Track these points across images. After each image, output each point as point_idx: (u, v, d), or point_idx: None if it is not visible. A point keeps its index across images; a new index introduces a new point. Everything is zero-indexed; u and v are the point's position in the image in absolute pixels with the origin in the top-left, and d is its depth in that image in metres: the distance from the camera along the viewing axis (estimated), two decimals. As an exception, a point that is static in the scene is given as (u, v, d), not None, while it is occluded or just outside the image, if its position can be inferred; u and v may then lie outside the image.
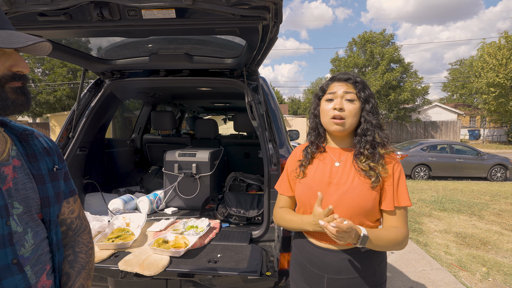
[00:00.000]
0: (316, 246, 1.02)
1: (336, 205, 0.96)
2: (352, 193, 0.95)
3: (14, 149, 0.69)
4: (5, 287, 0.58)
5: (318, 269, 1.01)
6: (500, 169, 8.60)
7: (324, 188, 0.99)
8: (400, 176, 0.97)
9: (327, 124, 1.00)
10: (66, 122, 1.96)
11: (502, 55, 17.37)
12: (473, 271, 2.88)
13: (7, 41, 0.56)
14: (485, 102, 19.22)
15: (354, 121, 0.98)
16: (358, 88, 0.99)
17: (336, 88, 1.00)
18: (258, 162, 2.71)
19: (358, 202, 0.94)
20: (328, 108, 0.99)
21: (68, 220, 0.82)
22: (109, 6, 1.17)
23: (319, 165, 1.05)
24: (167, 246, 1.46)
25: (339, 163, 1.01)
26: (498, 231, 4.05)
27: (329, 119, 0.99)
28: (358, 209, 0.94)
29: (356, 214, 0.95)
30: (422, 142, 9.26)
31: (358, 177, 0.96)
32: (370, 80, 20.09)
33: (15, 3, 1.15)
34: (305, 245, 1.06)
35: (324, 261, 1.00)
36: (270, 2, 1.09)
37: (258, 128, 1.84)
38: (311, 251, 1.04)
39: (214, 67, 1.98)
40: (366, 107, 0.98)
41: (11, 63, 0.61)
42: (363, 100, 0.98)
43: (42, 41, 0.61)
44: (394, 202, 0.95)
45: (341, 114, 0.96)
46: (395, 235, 0.92)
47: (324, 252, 1.00)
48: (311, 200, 1.01)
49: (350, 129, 0.99)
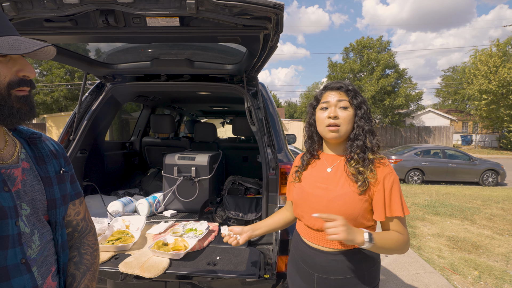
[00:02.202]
0: (309, 246, 1.07)
1: (325, 210, 0.99)
2: (339, 201, 0.97)
3: (23, 152, 0.71)
4: (13, 286, 0.59)
5: (309, 268, 1.07)
6: (492, 174, 8.76)
7: (313, 192, 1.05)
8: (393, 185, 0.96)
9: (323, 132, 1.05)
10: (67, 124, 1.97)
11: (493, 62, 17.78)
12: (465, 275, 2.94)
13: (14, 48, 0.58)
14: (477, 108, 19.61)
15: (349, 128, 1.02)
16: (351, 96, 1.03)
17: (329, 97, 1.04)
18: (256, 166, 2.75)
19: (345, 210, 0.96)
20: (323, 117, 1.03)
21: (74, 222, 0.83)
22: (114, 13, 1.20)
23: (312, 171, 1.11)
24: (167, 249, 1.48)
25: (330, 169, 1.05)
26: (489, 235, 4.13)
27: (325, 127, 1.03)
28: (344, 216, 0.94)
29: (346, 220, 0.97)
30: (416, 147, 9.40)
31: (347, 182, 0.99)
32: (365, 85, 20.33)
33: (22, 9, 1.17)
34: (300, 244, 1.12)
35: (314, 260, 1.05)
36: (271, 12, 1.13)
37: (257, 133, 1.88)
38: (304, 250, 1.09)
39: (214, 73, 2.02)
40: (359, 113, 1.02)
41: (18, 68, 0.62)
42: (356, 106, 1.02)
43: (47, 46, 0.62)
44: (386, 212, 0.95)
45: (336, 122, 1.00)
46: (397, 237, 0.95)
47: (315, 252, 1.05)
48: (303, 202, 1.07)
49: (345, 135, 1.02)
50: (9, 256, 0.58)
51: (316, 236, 1.04)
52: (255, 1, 1.07)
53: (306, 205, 1.06)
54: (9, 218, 0.59)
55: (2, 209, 0.58)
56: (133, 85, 2.12)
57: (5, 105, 0.60)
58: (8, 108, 0.60)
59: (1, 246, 0.57)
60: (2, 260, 0.57)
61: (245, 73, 1.90)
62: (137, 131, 3.35)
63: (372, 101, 20.31)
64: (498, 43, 18.50)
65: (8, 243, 0.58)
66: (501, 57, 17.85)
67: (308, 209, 1.05)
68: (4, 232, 0.58)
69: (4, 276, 0.57)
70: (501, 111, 18.39)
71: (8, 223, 0.59)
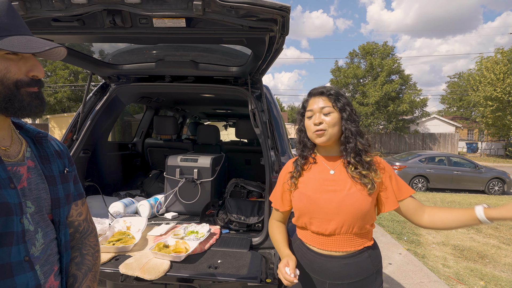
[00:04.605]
0: (317, 253, 1.05)
1: (337, 211, 0.99)
2: (351, 198, 1.00)
3: (29, 150, 0.72)
4: (17, 283, 0.59)
5: (320, 276, 1.04)
6: (498, 182, 8.63)
7: (321, 196, 1.03)
8: (392, 173, 1.06)
9: (312, 138, 1.08)
10: (71, 124, 1.98)
11: (499, 69, 17.66)
12: (471, 285, 2.87)
13: (26, 47, 0.59)
14: (483, 115, 19.43)
15: (336, 130, 1.04)
16: (333, 99, 1.05)
17: (313, 104, 1.08)
18: (258, 169, 2.73)
19: (358, 206, 0.99)
20: (310, 124, 1.07)
21: (76, 223, 0.83)
22: (121, 14, 1.20)
23: (312, 175, 1.10)
24: (168, 251, 1.47)
25: (334, 171, 1.07)
26: (496, 244, 4.05)
27: (312, 133, 1.06)
28: (358, 213, 0.99)
29: (357, 218, 0.99)
30: (421, 154, 9.31)
31: (354, 184, 1.02)
32: (369, 91, 20.27)
33: (31, 9, 1.18)
34: (306, 253, 1.09)
35: (325, 267, 1.03)
36: (278, 15, 1.13)
37: (260, 136, 1.87)
38: (312, 258, 1.06)
39: (219, 75, 2.02)
40: (344, 115, 1.04)
41: (28, 68, 0.63)
42: (340, 109, 1.05)
43: (59, 47, 0.64)
44: (397, 197, 1.03)
45: (321, 127, 1.03)
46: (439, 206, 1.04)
47: (326, 258, 1.03)
48: (310, 208, 1.04)
49: (333, 138, 1.05)
50: (13, 253, 0.59)
51: (327, 242, 1.04)
52: (262, 3, 1.07)
53: (314, 211, 1.04)
54: (14, 215, 0.59)
55: (7, 205, 0.58)
56: (138, 86, 2.13)
57: (15, 99, 0.61)
58: (18, 102, 0.62)
59: (6, 243, 0.57)
60: (6, 256, 0.57)
61: (249, 76, 1.90)
62: (140, 133, 3.36)
63: (376, 107, 20.23)
64: (502, 51, 18.38)
65: (12, 240, 0.58)
66: (506, 65, 17.71)
67: (317, 215, 1.03)
68: (9, 229, 0.58)
69: (8, 272, 0.57)
70: (507, 119, 18.20)
71: (13, 219, 0.59)
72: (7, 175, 0.61)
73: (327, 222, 1.01)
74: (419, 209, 1.03)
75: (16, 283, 0.59)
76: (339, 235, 1.02)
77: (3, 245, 0.57)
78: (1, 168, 0.61)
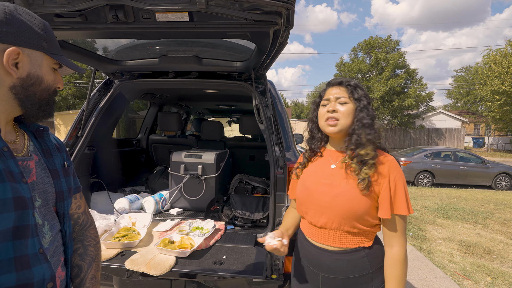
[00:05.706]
0: (313, 245, 1.06)
1: (329, 206, 0.99)
2: (344, 196, 0.97)
3: (31, 144, 0.72)
4: (34, 274, 0.61)
5: (314, 267, 1.06)
6: (505, 177, 8.52)
7: (317, 188, 1.04)
8: (398, 182, 0.95)
9: (323, 127, 1.06)
10: (76, 121, 1.98)
11: (508, 63, 17.25)
12: (477, 281, 2.85)
13: (74, 66, 0.73)
14: (490, 110, 19.08)
15: (349, 121, 1.01)
16: (350, 90, 1.03)
17: (329, 93, 1.06)
18: (263, 164, 2.72)
19: (349, 206, 0.95)
20: (323, 112, 1.06)
21: (76, 215, 0.85)
22: (124, 8, 1.19)
23: (316, 168, 1.11)
24: (173, 247, 1.47)
25: (334, 165, 1.05)
26: (503, 240, 4.00)
27: (324, 122, 1.05)
28: (348, 213, 0.96)
29: (347, 218, 0.97)
30: (426, 149, 9.22)
31: (351, 180, 0.97)
32: (374, 86, 20.04)
33: (33, 4, 1.17)
34: (304, 243, 1.11)
35: (319, 260, 1.04)
36: (282, 7, 1.10)
37: (265, 131, 1.85)
38: (308, 249, 1.08)
39: (222, 70, 2.00)
40: (358, 106, 1.01)
41: (58, 80, 0.72)
42: (356, 100, 1.02)
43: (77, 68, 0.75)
44: (391, 209, 0.94)
45: (334, 116, 1.01)
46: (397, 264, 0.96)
47: (320, 251, 1.04)
48: (307, 199, 1.06)
49: (344, 130, 1.02)
50: (29, 245, 0.61)
51: (320, 234, 1.04)
52: (266, -5, 1.04)
53: (310, 201, 1.05)
54: (29, 208, 0.61)
55: (24, 200, 0.60)
56: (141, 82, 2.12)
57: (53, 105, 0.72)
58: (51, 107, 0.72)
59: (23, 235, 0.59)
60: (24, 248, 0.59)
61: (253, 71, 1.88)
62: (144, 129, 3.37)
63: (381, 102, 20.00)
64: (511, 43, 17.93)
65: (28, 233, 0.60)
66: (515, 58, 17.29)
67: (312, 205, 1.04)
68: (26, 222, 0.60)
69: (25, 264, 0.59)
70: (515, 113, 17.85)
71: (29, 213, 0.61)
72: (19, 170, 0.62)
73: (319, 214, 1.02)
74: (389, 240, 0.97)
75: (34, 274, 0.61)
76: (330, 230, 1.00)
77: (21, 237, 0.59)
78: (14, 162, 0.61)
